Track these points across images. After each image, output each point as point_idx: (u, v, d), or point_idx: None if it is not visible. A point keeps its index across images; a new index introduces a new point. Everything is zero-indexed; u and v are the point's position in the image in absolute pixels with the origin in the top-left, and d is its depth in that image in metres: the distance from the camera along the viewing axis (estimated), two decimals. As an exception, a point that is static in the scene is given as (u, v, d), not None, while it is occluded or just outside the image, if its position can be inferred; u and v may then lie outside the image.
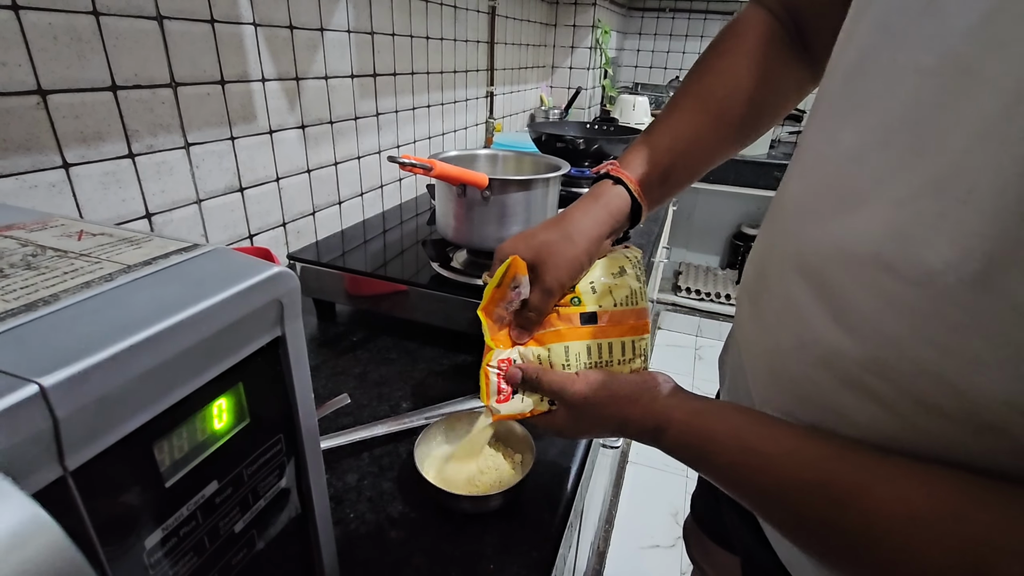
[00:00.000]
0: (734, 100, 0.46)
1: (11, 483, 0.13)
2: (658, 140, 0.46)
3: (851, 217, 0.29)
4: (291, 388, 0.24)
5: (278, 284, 0.22)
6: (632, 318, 0.45)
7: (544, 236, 0.43)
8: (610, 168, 0.46)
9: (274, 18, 0.76)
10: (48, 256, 0.20)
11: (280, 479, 0.24)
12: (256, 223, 0.80)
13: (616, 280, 0.44)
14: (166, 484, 0.19)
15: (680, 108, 0.47)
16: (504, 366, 0.42)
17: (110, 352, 0.15)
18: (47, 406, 0.14)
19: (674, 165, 0.46)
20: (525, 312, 0.43)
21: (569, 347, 0.43)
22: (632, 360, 0.45)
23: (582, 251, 0.43)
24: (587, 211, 0.45)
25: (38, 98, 0.52)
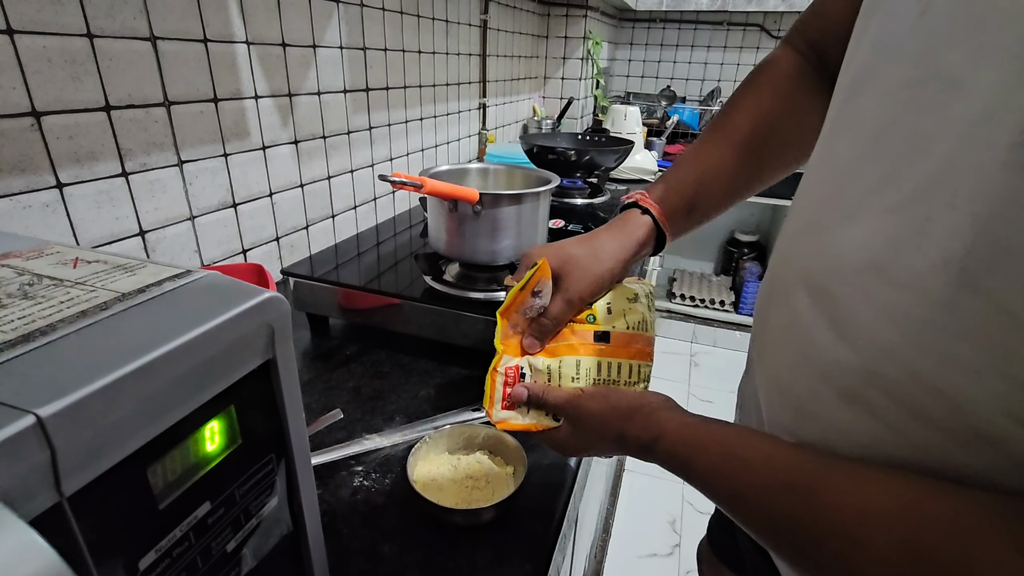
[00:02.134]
0: (758, 134, 0.48)
1: (8, 510, 0.13)
2: (685, 173, 0.48)
3: (849, 228, 0.30)
4: (282, 409, 0.24)
5: (269, 309, 0.22)
6: (640, 343, 0.46)
7: (572, 250, 0.45)
8: (638, 198, 0.48)
9: (267, 36, 0.77)
10: (44, 285, 0.21)
11: (272, 498, 0.25)
12: (249, 238, 0.81)
13: (630, 305, 0.46)
14: (159, 507, 0.19)
15: (707, 142, 0.49)
16: (512, 373, 0.43)
17: (105, 381, 0.16)
18: (45, 436, 0.15)
19: (699, 196, 0.48)
20: (542, 319, 0.44)
21: (581, 361, 0.44)
22: (636, 384, 0.47)
23: (606, 270, 0.45)
24: (614, 235, 0.47)
25: (32, 120, 0.52)
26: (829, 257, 0.32)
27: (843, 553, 0.26)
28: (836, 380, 0.31)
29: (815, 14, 0.49)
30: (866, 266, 0.29)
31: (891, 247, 0.28)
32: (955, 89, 0.25)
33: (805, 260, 0.35)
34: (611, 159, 1.12)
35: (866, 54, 0.33)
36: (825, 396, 0.32)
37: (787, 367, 0.36)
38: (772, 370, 0.39)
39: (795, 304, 0.35)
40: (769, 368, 0.39)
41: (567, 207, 1.10)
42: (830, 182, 0.34)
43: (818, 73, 0.49)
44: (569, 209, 1.09)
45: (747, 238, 2.53)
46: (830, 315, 0.32)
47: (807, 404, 0.34)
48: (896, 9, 0.30)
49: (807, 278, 0.34)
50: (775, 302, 0.39)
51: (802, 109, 0.48)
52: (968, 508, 0.23)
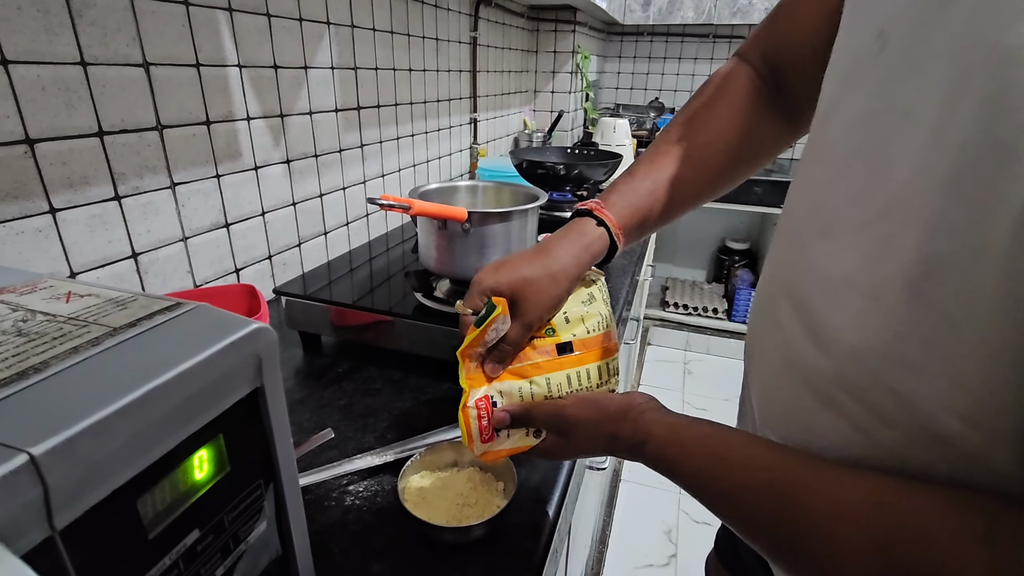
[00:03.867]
0: (714, 149, 0.49)
1: (1, 546, 0.14)
2: (640, 183, 0.49)
3: (824, 244, 0.33)
4: (270, 434, 0.25)
5: (257, 340, 0.23)
6: (604, 342, 0.47)
7: (526, 271, 0.44)
8: (594, 207, 0.48)
9: (258, 59, 0.79)
10: (38, 321, 0.22)
11: (260, 522, 0.26)
12: (242, 257, 0.81)
13: (587, 308, 0.46)
14: (149, 536, 0.20)
15: (663, 153, 0.50)
16: (483, 405, 0.43)
17: (96, 418, 0.17)
18: (38, 473, 0.15)
19: (653, 209, 0.48)
20: (501, 345, 0.44)
21: (551, 378, 0.45)
22: (608, 380, 0.47)
23: (563, 290, 0.45)
24: (569, 249, 0.46)
25: (26, 147, 0.53)
26: (806, 270, 0.35)
27: (820, 551, 0.27)
28: (813, 385, 0.33)
29: (773, 31, 0.51)
30: (839, 278, 0.31)
31: (859, 261, 0.30)
32: (908, 120, 0.27)
33: (787, 273, 0.37)
34: (600, 172, 1.14)
35: (835, 86, 0.36)
36: (805, 400, 0.34)
37: (774, 373, 0.38)
38: (762, 376, 0.41)
39: (779, 314, 0.37)
40: (759, 375, 0.41)
41: (557, 220, 1.12)
42: (807, 201, 0.37)
43: (771, 91, 0.50)
44: (559, 222, 1.10)
45: (738, 246, 2.55)
46: (807, 323, 0.34)
47: (791, 408, 0.36)
48: (860, 46, 0.33)
49: (788, 289, 0.37)
50: (763, 312, 0.41)
51: (755, 128, 0.50)
52: (932, 503, 0.25)
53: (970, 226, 0.24)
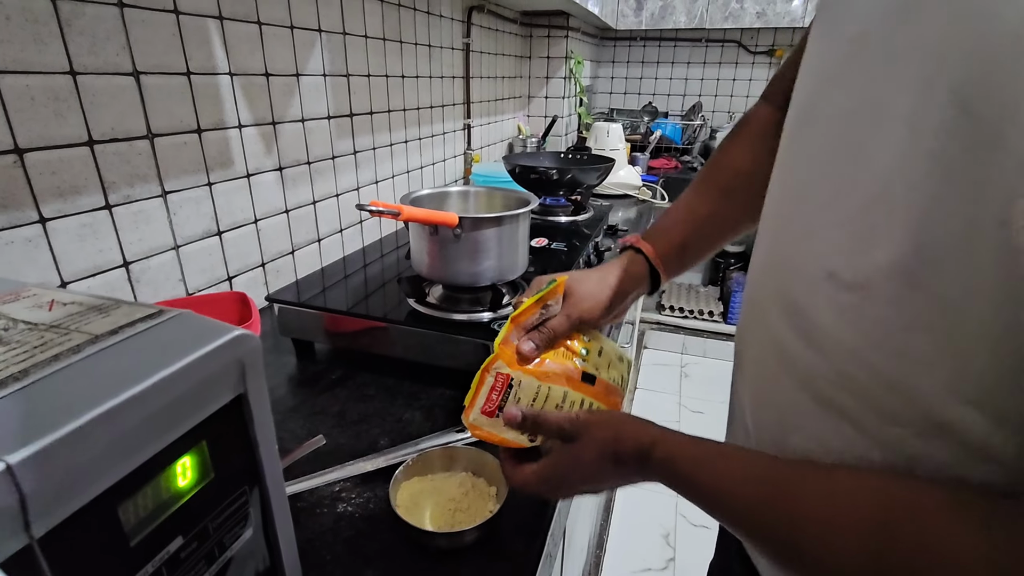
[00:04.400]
0: (739, 181, 0.53)
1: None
2: (676, 216, 0.55)
3: (807, 242, 0.34)
4: (255, 441, 0.25)
5: (239, 346, 0.23)
6: (616, 397, 0.50)
7: (579, 276, 0.52)
8: (633, 241, 0.55)
9: (249, 67, 0.79)
10: (19, 329, 0.22)
11: (246, 529, 0.26)
12: (235, 265, 0.81)
13: (616, 363, 0.52)
14: (131, 543, 0.20)
15: (696, 191, 0.56)
16: (502, 380, 0.45)
17: (74, 426, 0.17)
18: (14, 482, 0.15)
19: (689, 238, 0.54)
20: (542, 328, 0.48)
21: (567, 393, 0.47)
22: None
23: (606, 298, 0.51)
24: (612, 269, 0.53)
25: (15, 157, 0.53)
26: (792, 270, 0.35)
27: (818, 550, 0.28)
28: (811, 387, 0.33)
29: (789, 70, 0.52)
30: (824, 275, 0.31)
31: (844, 256, 0.30)
32: (885, 114, 0.28)
33: (773, 276, 0.38)
34: (593, 177, 1.14)
35: (810, 88, 0.36)
36: (803, 404, 0.34)
37: (767, 380, 0.38)
38: (755, 383, 0.41)
39: (769, 319, 0.37)
40: (752, 382, 0.41)
41: (551, 225, 1.12)
42: (789, 202, 0.37)
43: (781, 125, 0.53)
44: (553, 227, 1.11)
45: (734, 248, 2.56)
46: (799, 325, 0.34)
47: (788, 414, 0.36)
48: (836, 48, 0.33)
49: (777, 293, 0.37)
50: (752, 319, 0.41)
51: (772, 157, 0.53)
52: (929, 495, 0.26)
53: (962, 209, 0.25)
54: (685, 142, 2.42)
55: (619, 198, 1.72)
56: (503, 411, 0.44)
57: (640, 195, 1.73)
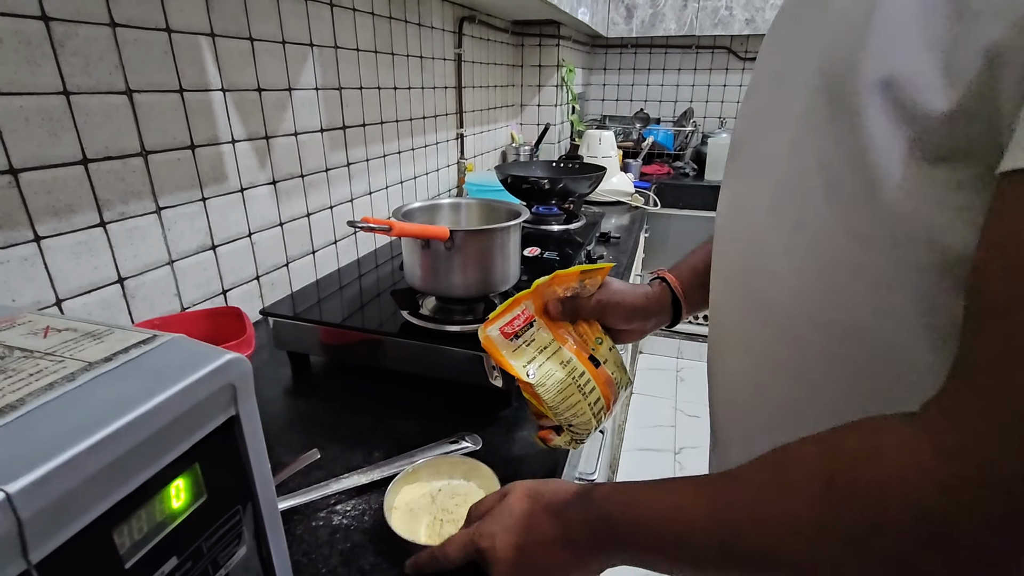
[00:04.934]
0: None
1: (-21, 584, 0.14)
2: (697, 255, 0.62)
3: (739, 244, 0.43)
4: (247, 461, 0.26)
5: (230, 370, 0.24)
6: (611, 388, 0.55)
7: (618, 280, 0.60)
8: (660, 272, 0.62)
9: (242, 82, 0.80)
10: (15, 357, 0.22)
11: (240, 548, 0.26)
12: (229, 279, 0.82)
13: (618, 369, 0.57)
14: (126, 566, 0.20)
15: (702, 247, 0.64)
16: (525, 316, 0.52)
17: (70, 454, 0.17)
18: (12, 510, 0.16)
19: (699, 263, 0.60)
20: (572, 299, 0.55)
21: (574, 359, 0.53)
22: (587, 410, 0.52)
23: (630, 303, 0.58)
24: (645, 289, 0.61)
25: (10, 177, 0.54)
26: (741, 257, 0.42)
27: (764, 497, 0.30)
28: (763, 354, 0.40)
29: None
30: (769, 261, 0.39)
31: (779, 234, 0.37)
32: (798, 152, 0.36)
33: (728, 269, 0.45)
34: (584, 185, 1.15)
35: (740, 125, 0.46)
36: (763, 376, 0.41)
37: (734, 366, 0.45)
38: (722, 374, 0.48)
39: (725, 316, 0.45)
40: (719, 375, 0.48)
41: (543, 234, 1.13)
42: (729, 211, 0.45)
43: None
44: (545, 236, 1.11)
45: (727, 253, 2.58)
46: (752, 306, 0.41)
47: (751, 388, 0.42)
48: (763, 86, 0.43)
49: (729, 282, 0.44)
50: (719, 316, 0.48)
51: None
52: (859, 424, 0.28)
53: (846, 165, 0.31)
54: (677, 148, 2.44)
55: (612, 205, 1.73)
56: (519, 337, 0.51)
57: (633, 201, 1.75)
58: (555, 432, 0.52)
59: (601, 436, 0.88)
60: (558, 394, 0.51)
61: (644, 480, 0.37)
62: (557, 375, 0.51)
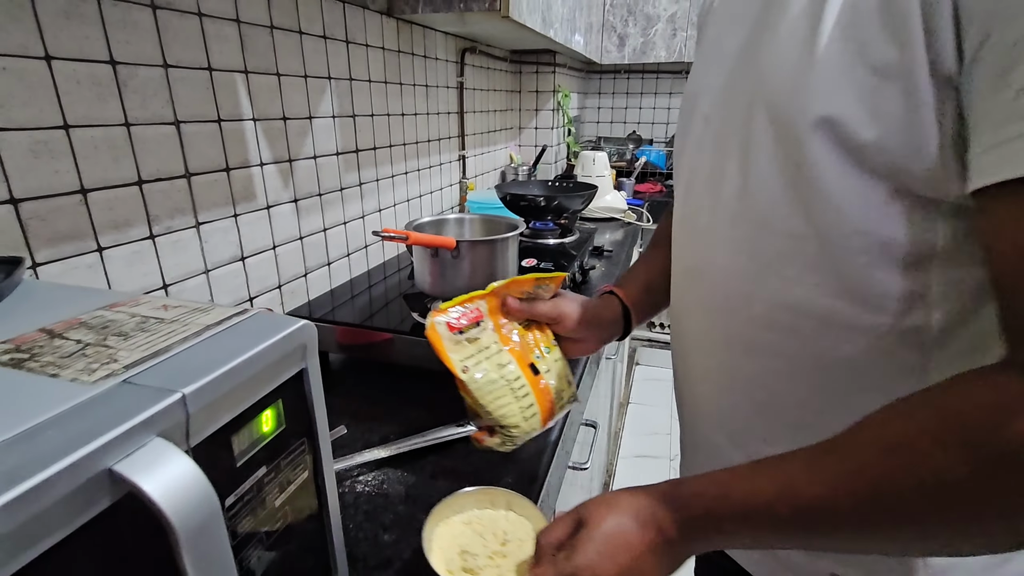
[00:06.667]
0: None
1: (173, 445, 0.23)
2: (639, 267, 0.69)
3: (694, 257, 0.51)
4: (311, 405, 0.34)
5: (302, 333, 0.33)
6: (548, 400, 0.56)
7: (571, 293, 0.64)
8: (606, 287, 0.67)
9: (270, 112, 0.90)
10: (152, 322, 0.31)
11: (304, 471, 0.35)
12: (255, 287, 0.91)
13: (563, 382, 0.59)
14: (236, 465, 0.29)
15: (650, 247, 0.71)
16: (475, 315, 0.54)
17: (221, 371, 0.26)
18: (184, 407, 0.25)
19: (652, 278, 0.66)
20: (523, 301, 0.58)
21: (513, 363, 0.55)
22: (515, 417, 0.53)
23: (582, 312, 0.61)
24: (596, 300, 0.65)
25: (80, 196, 0.63)
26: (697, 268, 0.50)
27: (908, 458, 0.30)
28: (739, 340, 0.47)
29: None
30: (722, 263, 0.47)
31: (734, 245, 0.45)
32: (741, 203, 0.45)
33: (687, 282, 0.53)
34: (578, 202, 1.25)
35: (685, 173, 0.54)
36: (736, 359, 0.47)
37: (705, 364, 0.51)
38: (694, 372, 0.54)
39: (691, 322, 0.52)
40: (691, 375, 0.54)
41: (540, 247, 1.22)
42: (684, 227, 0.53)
43: None
44: (542, 249, 1.21)
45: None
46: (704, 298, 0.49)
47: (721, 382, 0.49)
48: (692, 126, 0.51)
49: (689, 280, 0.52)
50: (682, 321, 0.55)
51: None
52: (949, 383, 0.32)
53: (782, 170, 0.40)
54: (669, 167, 2.55)
55: (606, 221, 1.83)
56: (463, 333, 0.53)
57: (625, 218, 1.84)
58: (488, 433, 0.53)
59: (594, 431, 0.96)
60: (488, 393, 0.52)
61: (722, 469, 0.37)
62: (491, 375, 0.52)
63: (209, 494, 0.23)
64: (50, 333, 0.29)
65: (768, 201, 0.41)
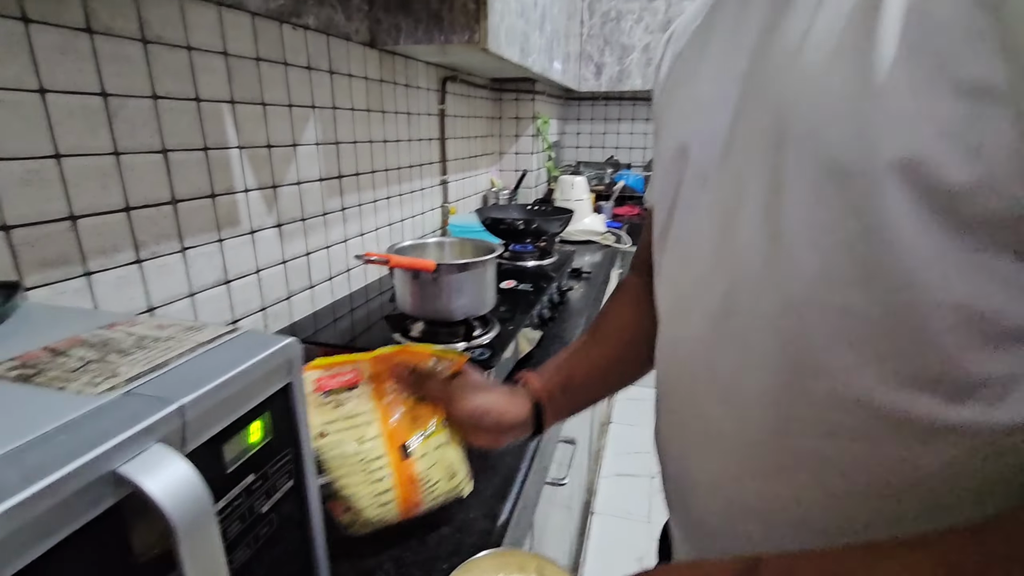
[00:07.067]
0: (612, 328, 0.64)
1: (172, 449, 0.26)
2: (563, 356, 0.63)
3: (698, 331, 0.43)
4: (295, 417, 0.37)
5: (288, 350, 0.35)
6: (412, 489, 0.50)
7: (479, 377, 0.58)
8: (526, 377, 0.60)
9: (255, 140, 0.93)
10: (148, 340, 0.34)
11: (289, 480, 0.37)
12: (239, 310, 0.92)
13: (447, 474, 0.52)
14: (227, 472, 0.31)
15: (581, 341, 0.65)
16: (352, 378, 0.50)
17: (215, 384, 0.29)
18: (181, 416, 0.27)
19: (572, 378, 0.60)
20: (416, 374, 0.54)
21: (377, 439, 0.49)
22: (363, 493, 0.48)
23: (481, 401, 0.54)
24: (505, 391, 0.57)
25: (70, 223, 0.65)
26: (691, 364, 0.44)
27: None
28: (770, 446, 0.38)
29: (644, 246, 0.64)
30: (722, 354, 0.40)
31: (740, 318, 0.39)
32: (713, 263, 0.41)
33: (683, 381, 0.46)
34: (555, 226, 1.29)
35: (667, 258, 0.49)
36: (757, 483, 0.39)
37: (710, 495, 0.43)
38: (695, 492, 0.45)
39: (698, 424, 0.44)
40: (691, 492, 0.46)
41: (519, 269, 1.26)
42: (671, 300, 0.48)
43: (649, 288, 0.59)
44: (521, 271, 1.24)
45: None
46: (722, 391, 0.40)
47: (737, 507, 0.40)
48: (670, 164, 0.46)
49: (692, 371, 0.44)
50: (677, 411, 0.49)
51: (641, 315, 0.61)
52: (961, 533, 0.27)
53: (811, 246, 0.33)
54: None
55: (585, 243, 1.88)
56: (329, 395, 0.48)
57: (603, 240, 1.90)
58: (344, 507, 0.49)
59: (572, 446, 0.99)
60: (339, 468, 0.47)
61: (812, 549, 0.32)
62: (346, 448, 0.48)
63: (205, 494, 0.26)
64: (53, 351, 0.31)
65: (811, 269, 0.33)
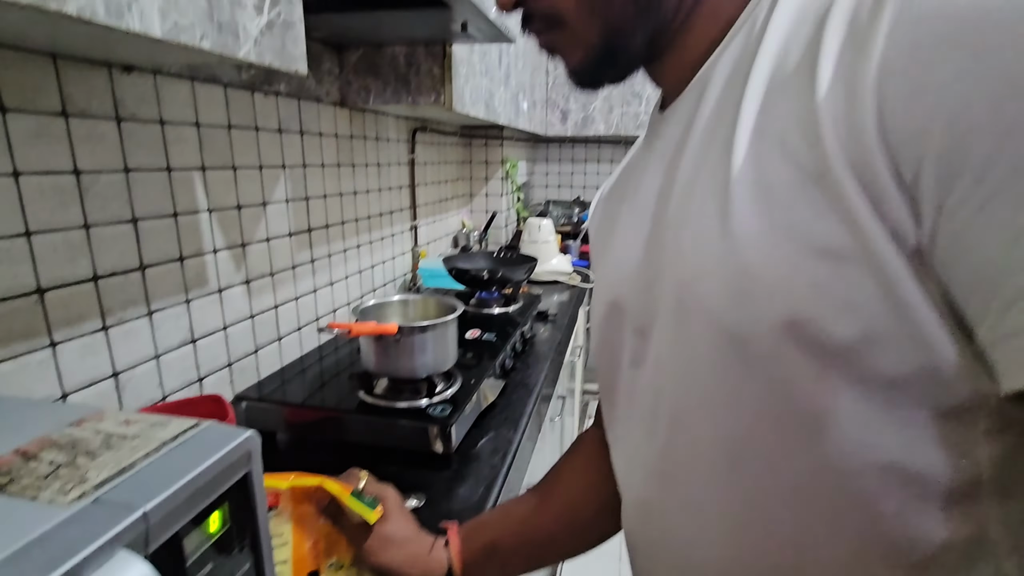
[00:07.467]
0: (559, 501, 0.58)
1: (135, 554, 0.29)
2: (495, 516, 0.59)
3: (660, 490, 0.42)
4: (254, 505, 0.40)
5: (248, 442, 0.38)
6: None
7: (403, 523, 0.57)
8: (450, 529, 0.57)
9: (225, 203, 0.96)
10: (116, 439, 0.36)
11: (247, 563, 0.40)
12: (205, 368, 0.94)
13: None
14: (187, 564, 0.34)
15: (524, 497, 0.60)
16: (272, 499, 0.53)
17: (178, 486, 0.32)
18: (146, 521, 0.30)
19: (499, 541, 0.56)
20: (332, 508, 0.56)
21: (284, 565, 0.52)
22: None
23: (390, 555, 0.53)
24: (425, 547, 0.55)
25: (37, 296, 0.67)
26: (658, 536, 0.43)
27: None
28: None
29: None
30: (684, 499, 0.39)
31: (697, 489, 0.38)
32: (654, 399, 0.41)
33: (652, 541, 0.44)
34: (520, 273, 1.35)
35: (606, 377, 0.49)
36: None
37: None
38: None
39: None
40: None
41: (485, 317, 1.30)
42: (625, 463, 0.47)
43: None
44: (487, 318, 1.29)
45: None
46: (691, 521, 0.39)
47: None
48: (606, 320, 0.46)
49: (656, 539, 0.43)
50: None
51: (594, 479, 0.56)
52: None
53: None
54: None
55: (551, 284, 1.94)
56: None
57: (570, 281, 1.96)
58: None
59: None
60: None
61: None
62: None
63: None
64: (24, 455, 0.34)
65: (753, 438, 0.33)
